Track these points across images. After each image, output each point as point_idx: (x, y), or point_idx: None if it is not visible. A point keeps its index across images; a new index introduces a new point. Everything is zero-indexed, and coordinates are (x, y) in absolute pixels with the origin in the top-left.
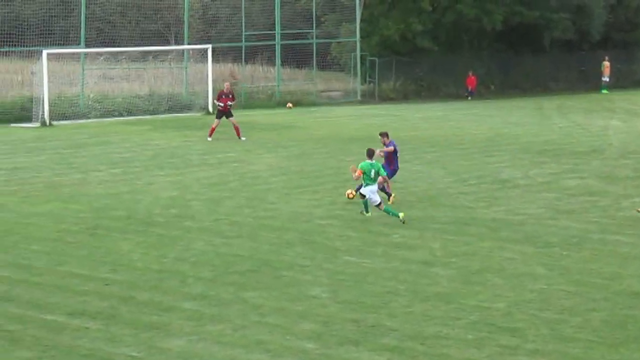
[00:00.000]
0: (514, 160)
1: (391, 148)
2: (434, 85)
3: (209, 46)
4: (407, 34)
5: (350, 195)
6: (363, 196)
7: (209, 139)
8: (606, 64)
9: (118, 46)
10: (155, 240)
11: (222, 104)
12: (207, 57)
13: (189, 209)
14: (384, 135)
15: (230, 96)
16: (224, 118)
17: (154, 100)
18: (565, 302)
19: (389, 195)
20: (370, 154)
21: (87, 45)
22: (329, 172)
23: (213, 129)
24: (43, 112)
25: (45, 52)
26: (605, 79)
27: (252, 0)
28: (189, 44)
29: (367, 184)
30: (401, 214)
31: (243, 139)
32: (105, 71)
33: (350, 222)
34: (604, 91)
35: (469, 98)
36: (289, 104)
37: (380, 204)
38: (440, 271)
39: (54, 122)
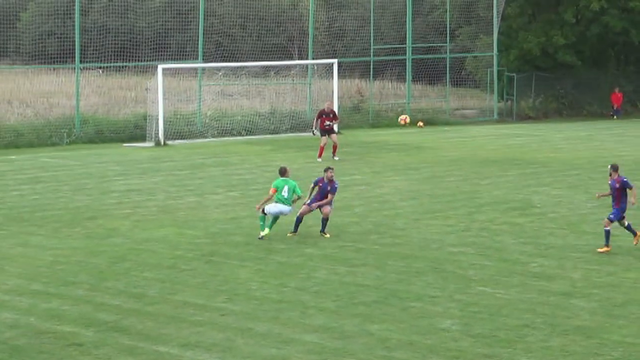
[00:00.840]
0: None
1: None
2: (576, 103)
3: (335, 61)
4: (548, 48)
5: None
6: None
7: (319, 159)
8: None
9: (238, 61)
10: (274, 268)
11: (324, 124)
12: (332, 72)
13: (311, 236)
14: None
15: (331, 115)
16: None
17: (276, 118)
18: None
19: None
20: (283, 171)
21: (205, 60)
22: (462, 197)
23: (322, 149)
24: (157, 131)
25: (160, 67)
26: None
27: (382, 11)
28: (313, 58)
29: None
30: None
31: (336, 158)
32: (224, 87)
33: (484, 250)
34: None
35: (615, 117)
36: (420, 123)
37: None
38: (580, 303)
39: (169, 142)
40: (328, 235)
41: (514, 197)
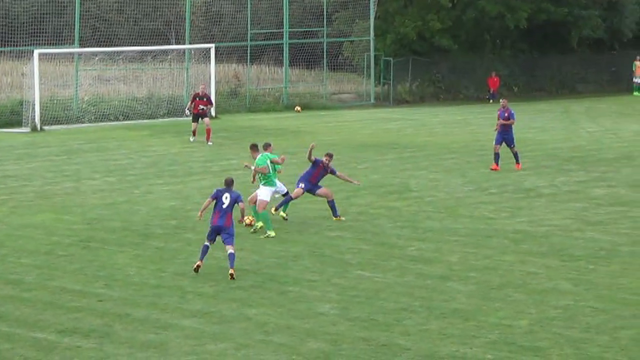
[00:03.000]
0: (538, 168)
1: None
2: (453, 87)
3: (212, 45)
4: (424, 32)
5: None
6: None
7: (191, 139)
8: (638, 64)
9: (115, 46)
10: (153, 254)
11: (198, 108)
12: (210, 57)
13: (190, 220)
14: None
15: (205, 99)
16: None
17: (153, 103)
18: (591, 319)
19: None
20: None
21: (82, 45)
22: (340, 181)
23: (194, 132)
24: (34, 116)
25: (36, 52)
26: (638, 80)
27: None
28: (190, 43)
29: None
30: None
31: (210, 143)
32: (101, 72)
33: (362, 234)
34: (636, 93)
35: (491, 101)
36: (298, 108)
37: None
38: (458, 286)
39: (46, 127)
40: (343, 218)
41: (391, 181)
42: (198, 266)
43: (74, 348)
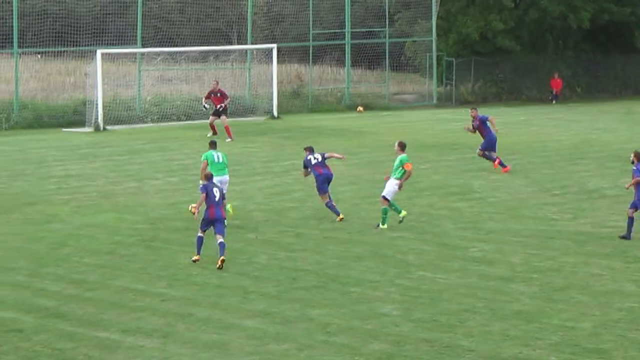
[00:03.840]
0: (601, 169)
1: None
2: (515, 88)
3: (274, 46)
4: (487, 33)
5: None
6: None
7: (209, 133)
8: None
9: (177, 46)
10: (215, 253)
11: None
12: (271, 57)
13: (252, 221)
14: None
15: (219, 95)
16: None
17: None
18: None
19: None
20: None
21: (144, 45)
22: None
23: (211, 127)
24: (97, 116)
25: (99, 52)
26: None
27: None
28: (252, 43)
29: None
30: None
31: (228, 140)
32: (163, 72)
33: (423, 235)
34: None
35: (554, 102)
36: (360, 108)
37: None
38: (520, 288)
39: (108, 127)
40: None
41: (453, 182)
42: (196, 260)
43: (137, 347)
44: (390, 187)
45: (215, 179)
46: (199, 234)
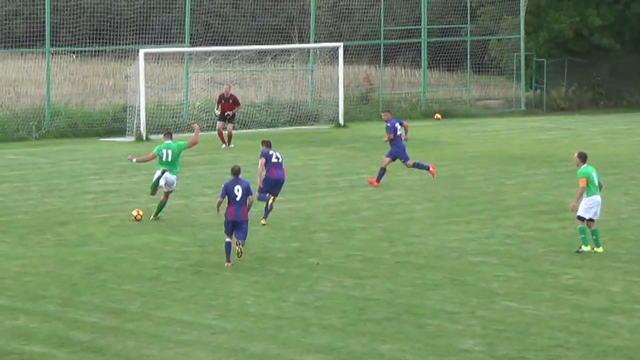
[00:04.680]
0: None
1: None
2: (614, 92)
3: (340, 44)
4: (582, 30)
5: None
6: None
7: (223, 146)
8: None
9: (230, 44)
10: (272, 280)
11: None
12: (337, 57)
13: (314, 243)
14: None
15: (231, 101)
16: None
17: (273, 109)
18: None
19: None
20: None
21: (193, 44)
22: (486, 199)
23: (220, 133)
24: (139, 123)
25: (142, 52)
26: None
27: None
28: (316, 41)
29: None
30: None
31: (231, 146)
32: (214, 75)
33: (510, 260)
34: None
35: None
36: (437, 115)
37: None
38: (621, 320)
39: (152, 136)
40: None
41: (544, 199)
42: (228, 265)
43: None
44: (581, 204)
45: (161, 180)
46: (226, 239)
